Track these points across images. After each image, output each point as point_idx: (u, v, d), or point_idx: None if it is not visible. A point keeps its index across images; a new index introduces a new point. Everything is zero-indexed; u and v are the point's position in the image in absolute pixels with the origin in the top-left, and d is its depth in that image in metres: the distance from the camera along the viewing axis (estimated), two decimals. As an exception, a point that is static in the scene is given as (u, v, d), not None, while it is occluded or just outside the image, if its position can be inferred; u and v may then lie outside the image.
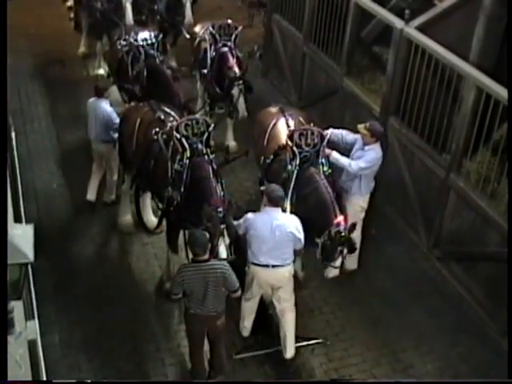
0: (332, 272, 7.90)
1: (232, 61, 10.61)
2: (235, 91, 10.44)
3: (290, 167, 8.22)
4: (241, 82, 10.42)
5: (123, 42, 10.88)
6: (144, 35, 10.65)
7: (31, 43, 14.90)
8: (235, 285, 7.17)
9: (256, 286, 7.89)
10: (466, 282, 9.14)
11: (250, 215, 7.65)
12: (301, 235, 7.55)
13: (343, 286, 9.18)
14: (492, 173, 8.73)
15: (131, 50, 10.65)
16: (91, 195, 10.26)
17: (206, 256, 7.00)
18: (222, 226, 7.15)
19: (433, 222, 9.58)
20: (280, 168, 8.42)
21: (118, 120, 9.61)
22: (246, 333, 8.25)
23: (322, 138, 8.29)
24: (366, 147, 8.81)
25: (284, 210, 7.80)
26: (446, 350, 8.39)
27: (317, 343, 8.34)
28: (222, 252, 7.16)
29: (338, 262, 7.75)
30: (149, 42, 10.56)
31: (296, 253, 7.79)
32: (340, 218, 7.59)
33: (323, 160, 8.27)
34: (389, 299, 9.05)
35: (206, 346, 7.59)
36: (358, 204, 8.99)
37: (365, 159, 8.73)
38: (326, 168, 8.26)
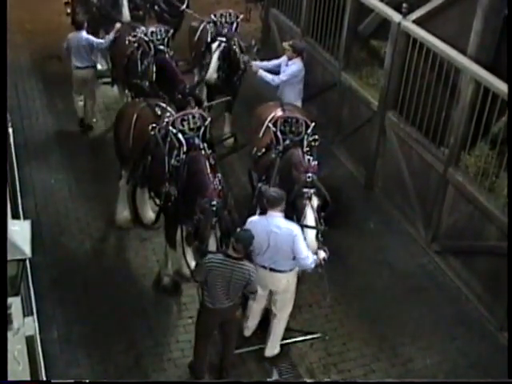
0: (309, 236, 7.45)
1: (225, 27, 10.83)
2: (214, 45, 10.59)
3: (273, 155, 8.27)
4: (224, 39, 10.56)
5: (132, 39, 10.85)
6: (154, 30, 10.65)
7: (28, 39, 14.86)
8: (254, 288, 7.20)
9: (258, 286, 7.82)
10: (464, 276, 9.14)
11: (253, 218, 7.59)
12: (303, 254, 7.28)
13: (341, 281, 9.18)
14: (490, 166, 8.73)
15: (141, 46, 10.64)
16: (80, 113, 12.17)
17: (242, 255, 7.00)
18: (215, 219, 7.10)
19: (431, 216, 9.58)
20: (267, 161, 8.46)
21: (97, 41, 11.60)
22: (247, 332, 8.18)
23: (307, 126, 8.34)
24: (290, 62, 10.70)
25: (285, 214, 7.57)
26: (444, 344, 8.39)
27: (316, 338, 8.34)
28: (212, 245, 7.12)
29: (310, 218, 7.45)
30: (158, 37, 10.56)
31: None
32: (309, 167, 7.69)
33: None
34: (387, 294, 9.05)
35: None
36: None
37: (285, 73, 10.64)
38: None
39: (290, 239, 7.27)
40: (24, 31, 15.03)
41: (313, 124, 8.47)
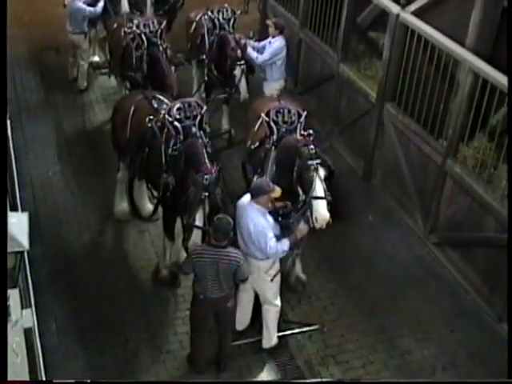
0: (320, 206, 7.35)
1: (234, 42, 10.67)
2: (237, 72, 10.45)
3: (267, 146, 8.26)
4: (243, 62, 10.46)
5: (128, 30, 10.83)
6: (147, 23, 10.60)
7: (25, 31, 14.82)
8: (244, 275, 7.19)
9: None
10: (462, 268, 9.14)
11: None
12: (266, 249, 7.23)
13: (340, 273, 9.20)
14: (489, 158, 8.72)
15: (135, 39, 10.61)
16: (72, 74, 13.29)
17: (225, 243, 7.00)
18: (205, 194, 7.10)
19: (429, 208, 9.57)
20: (262, 153, 8.42)
21: (89, 9, 12.47)
22: (239, 327, 8.10)
23: (299, 116, 8.32)
24: (272, 40, 11.06)
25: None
26: (442, 335, 8.40)
27: (314, 329, 8.35)
28: (199, 220, 7.12)
29: (319, 189, 7.36)
30: (151, 29, 10.52)
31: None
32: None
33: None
34: (385, 285, 9.05)
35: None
36: (274, 88, 11.11)
37: (268, 52, 10.94)
38: None
39: (248, 229, 7.26)
40: (21, 24, 14.97)
41: (305, 113, 8.43)
